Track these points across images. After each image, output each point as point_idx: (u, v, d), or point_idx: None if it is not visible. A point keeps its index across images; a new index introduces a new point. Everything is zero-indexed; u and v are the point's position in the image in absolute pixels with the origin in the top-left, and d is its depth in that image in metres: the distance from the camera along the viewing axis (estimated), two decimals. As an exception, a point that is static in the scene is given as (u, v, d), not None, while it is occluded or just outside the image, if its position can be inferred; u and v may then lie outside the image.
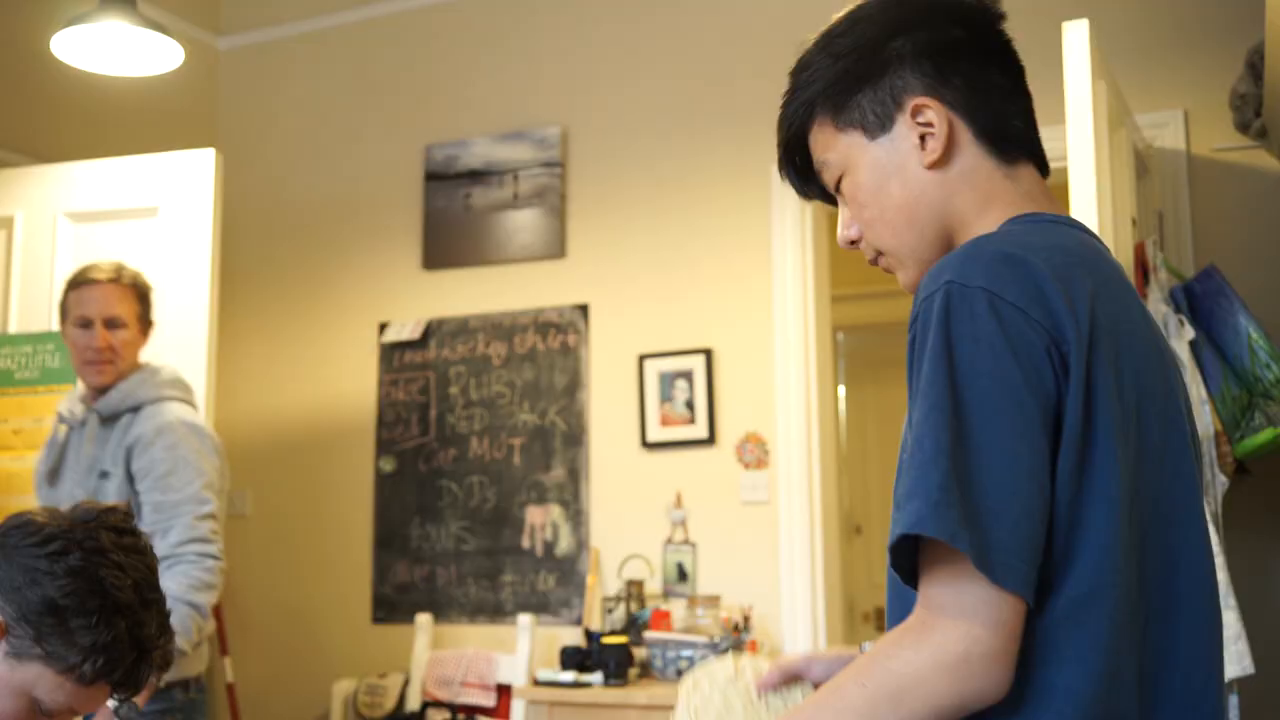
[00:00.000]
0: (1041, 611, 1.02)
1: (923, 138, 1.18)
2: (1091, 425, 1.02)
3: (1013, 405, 1.00)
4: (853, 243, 1.26)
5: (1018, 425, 1.00)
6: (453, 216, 4.53)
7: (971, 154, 1.19)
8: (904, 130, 1.19)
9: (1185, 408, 1.15)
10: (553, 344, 4.34)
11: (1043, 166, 1.24)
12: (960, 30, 1.20)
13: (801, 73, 1.25)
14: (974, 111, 1.19)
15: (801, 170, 1.28)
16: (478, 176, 4.50)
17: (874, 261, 1.26)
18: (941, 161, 1.18)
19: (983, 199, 1.18)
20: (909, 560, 1.03)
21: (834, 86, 1.21)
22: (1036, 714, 1.02)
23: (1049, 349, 1.01)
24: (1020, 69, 1.23)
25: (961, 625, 0.98)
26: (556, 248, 4.36)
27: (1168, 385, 1.12)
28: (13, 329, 3.39)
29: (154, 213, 3.34)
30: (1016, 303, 1.02)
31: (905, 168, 1.19)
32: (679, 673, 3.51)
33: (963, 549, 0.97)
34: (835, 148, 1.23)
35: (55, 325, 3.37)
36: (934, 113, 1.18)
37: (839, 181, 1.24)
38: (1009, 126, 1.20)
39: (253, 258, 4.78)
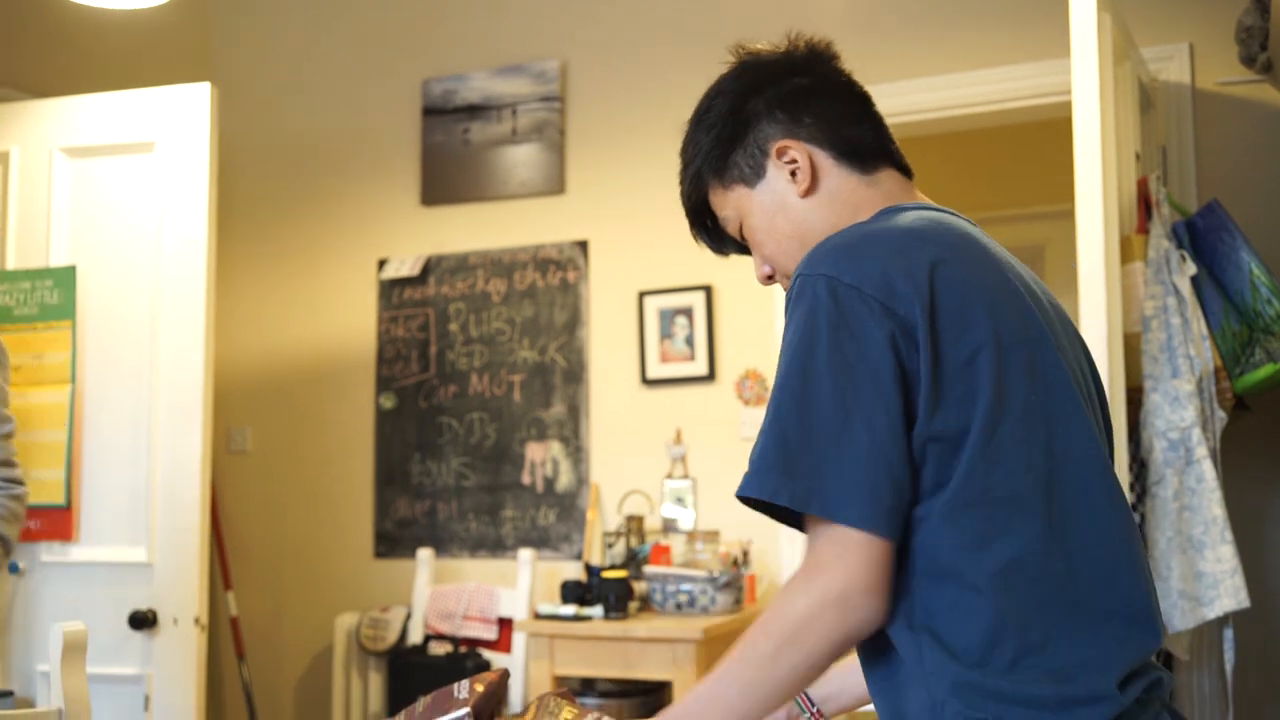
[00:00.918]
0: (935, 527, 1.17)
1: (792, 173, 1.38)
2: (943, 365, 1.17)
3: (845, 371, 1.16)
4: (769, 278, 1.45)
5: (848, 387, 1.16)
6: (451, 152, 4.50)
7: (835, 175, 1.38)
8: (775, 172, 1.39)
9: (1046, 345, 1.26)
10: (552, 280, 4.32)
11: (903, 168, 1.43)
12: (801, 78, 1.41)
13: (686, 151, 1.48)
14: (828, 139, 1.39)
15: (713, 233, 1.49)
16: (476, 111, 4.46)
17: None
18: (812, 188, 1.38)
19: (852, 210, 1.37)
20: (771, 511, 1.22)
21: (712, 154, 1.43)
22: (942, 600, 1.17)
23: (883, 317, 1.16)
24: (864, 94, 1.43)
25: (837, 567, 1.14)
26: (556, 183, 4.34)
27: (1032, 325, 1.24)
28: (10, 265, 3.38)
29: (150, 148, 3.31)
30: (852, 282, 1.18)
31: (785, 202, 1.39)
32: (678, 606, 3.55)
33: (783, 502, 1.16)
34: (728, 204, 1.44)
35: (54, 261, 3.36)
36: (795, 150, 1.38)
37: (741, 231, 1.44)
38: (860, 144, 1.39)
39: (250, 193, 4.76)
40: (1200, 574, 2.72)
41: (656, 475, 4.11)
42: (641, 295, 4.17)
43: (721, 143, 1.42)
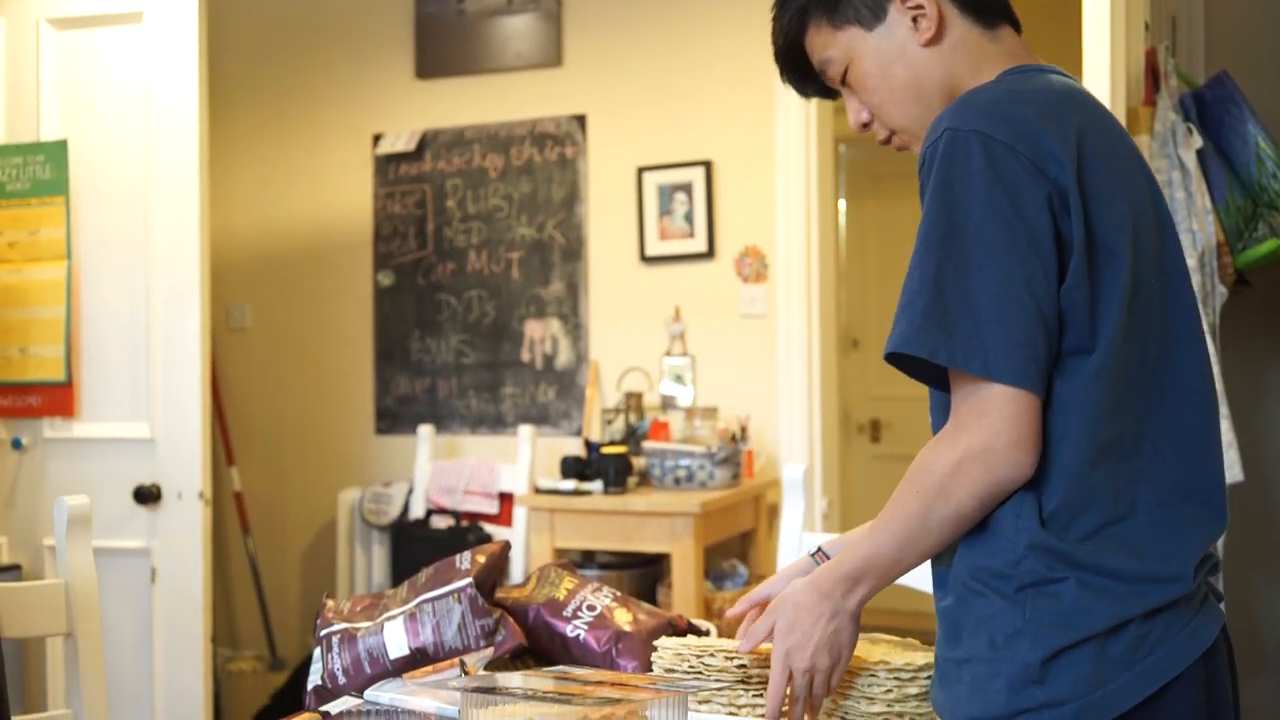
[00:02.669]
0: (1063, 393, 1.19)
1: (915, 20, 1.33)
2: (1093, 234, 1.17)
3: (1003, 229, 1.15)
4: (865, 125, 1.40)
5: (1007, 245, 1.15)
6: (445, 22, 4.40)
7: (959, 26, 1.34)
8: (897, 16, 1.34)
9: (1169, 224, 1.31)
10: (550, 156, 4.27)
11: (1018, 26, 1.40)
12: None
13: None
14: None
15: (800, 73, 1.45)
16: (471, -19, 4.36)
17: (886, 141, 1.40)
18: (936, 38, 1.33)
19: (975, 64, 1.33)
20: (915, 368, 1.23)
21: None
22: (1051, 465, 1.19)
23: (1038, 179, 1.15)
24: None
25: (983, 422, 1.17)
26: (553, 55, 4.26)
27: (1155, 205, 1.28)
28: (1, 140, 3.33)
29: (139, 18, 3.24)
30: (1006, 140, 1.16)
31: (905, 50, 1.34)
32: (676, 481, 3.58)
33: (943, 361, 1.17)
34: (836, 45, 1.37)
35: (44, 135, 3.31)
36: None
37: (844, 75, 1.39)
38: None
39: (242, 67, 4.67)
40: (1195, 448, 2.74)
41: (655, 352, 4.11)
42: (640, 171, 4.12)
43: None
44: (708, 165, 4.04)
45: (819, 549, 1.56)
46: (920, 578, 1.95)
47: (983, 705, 1.20)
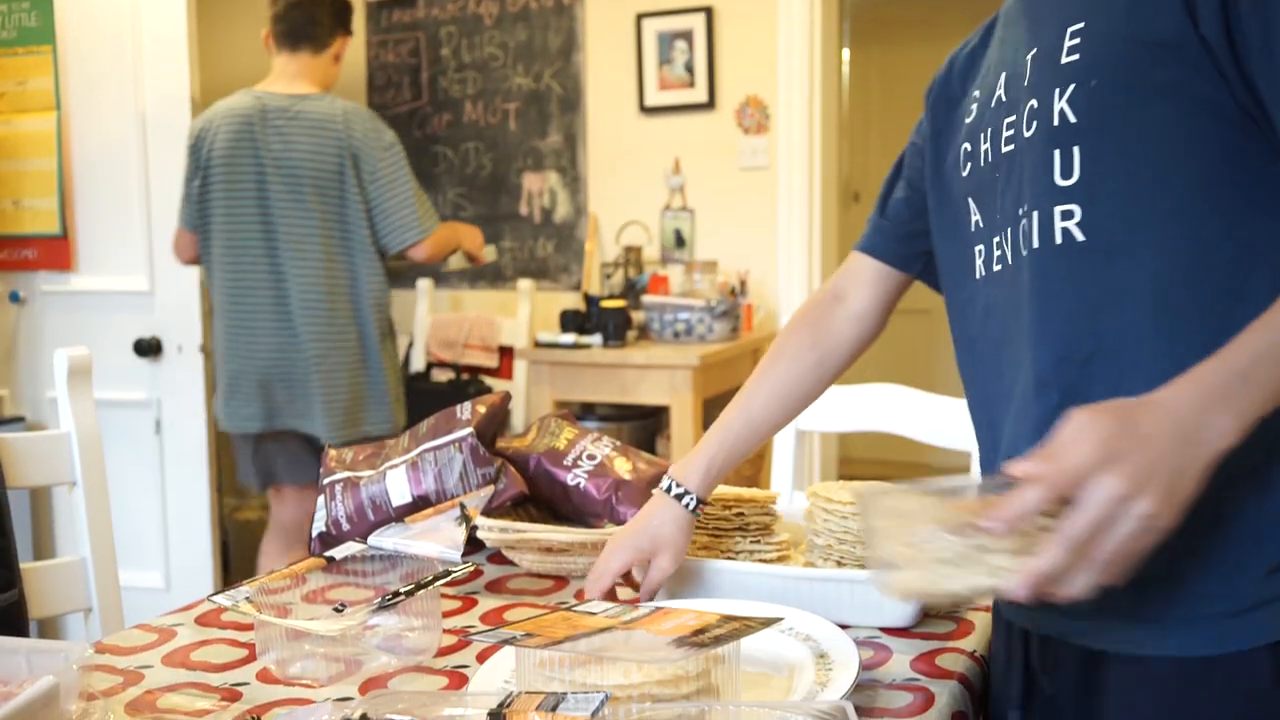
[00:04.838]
0: None
1: None
2: None
3: None
4: None
5: None
6: None
7: None
8: None
9: None
10: (546, 2, 4.17)
11: None
12: None
13: None
14: None
15: None
16: None
17: None
18: None
19: None
20: None
21: None
22: None
23: None
24: None
25: None
26: (549, -103, 4.12)
27: None
28: (-17, -14, 3.25)
29: None
30: None
31: None
32: (675, 335, 3.59)
33: None
34: None
35: (26, -18, 3.23)
36: None
37: None
38: None
39: (228, -91, 4.53)
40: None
41: (655, 205, 4.08)
42: (640, 17, 4.03)
43: None
44: (708, 11, 3.94)
45: (696, 501, 1.32)
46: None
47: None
